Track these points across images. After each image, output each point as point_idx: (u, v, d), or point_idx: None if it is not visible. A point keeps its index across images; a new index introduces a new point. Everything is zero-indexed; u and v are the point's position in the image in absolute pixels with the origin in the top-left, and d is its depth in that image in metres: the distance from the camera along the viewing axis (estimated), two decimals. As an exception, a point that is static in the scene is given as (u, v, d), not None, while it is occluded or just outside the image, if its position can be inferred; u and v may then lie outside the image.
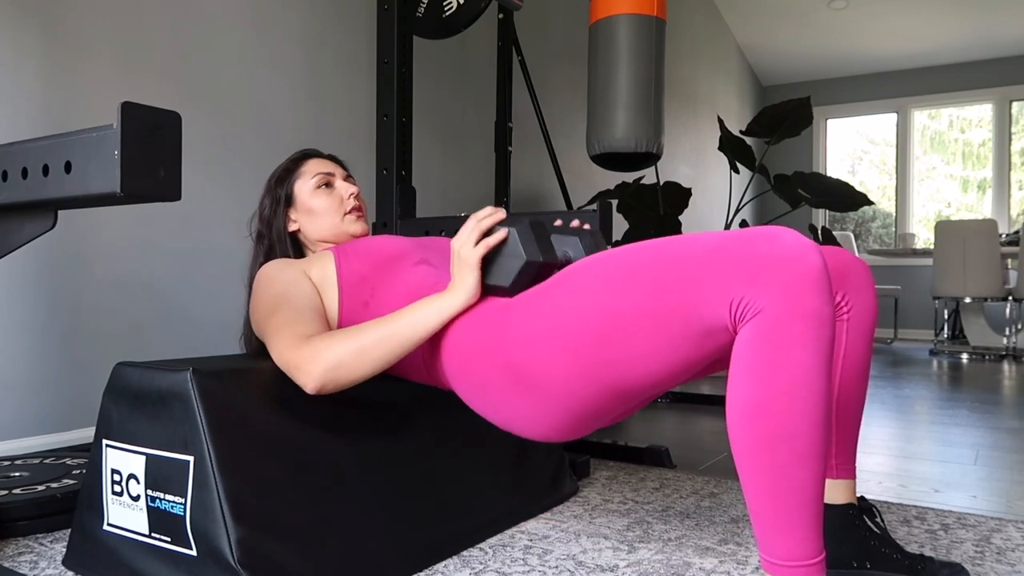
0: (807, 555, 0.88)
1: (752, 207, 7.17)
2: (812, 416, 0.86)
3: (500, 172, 2.84)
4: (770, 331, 0.84)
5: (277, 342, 1.13)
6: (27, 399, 1.84)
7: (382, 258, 1.29)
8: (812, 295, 0.84)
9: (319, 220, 1.40)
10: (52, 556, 1.26)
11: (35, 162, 0.79)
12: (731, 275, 0.86)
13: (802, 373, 0.84)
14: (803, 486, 0.87)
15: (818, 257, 0.85)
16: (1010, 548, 1.39)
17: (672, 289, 0.90)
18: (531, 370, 1.02)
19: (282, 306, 1.18)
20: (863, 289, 1.18)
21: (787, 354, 0.84)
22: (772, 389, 0.85)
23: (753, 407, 0.86)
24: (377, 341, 1.09)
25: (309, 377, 1.08)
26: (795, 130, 3.90)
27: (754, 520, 0.91)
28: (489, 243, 1.10)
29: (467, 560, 1.28)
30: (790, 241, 0.86)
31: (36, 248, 1.85)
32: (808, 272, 0.84)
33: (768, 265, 0.85)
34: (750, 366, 0.86)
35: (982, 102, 6.82)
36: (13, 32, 1.81)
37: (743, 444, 0.88)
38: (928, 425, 2.68)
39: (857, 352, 1.19)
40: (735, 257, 0.87)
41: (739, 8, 6.25)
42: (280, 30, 2.47)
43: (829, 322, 0.85)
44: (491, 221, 1.11)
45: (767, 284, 0.84)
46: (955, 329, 5.88)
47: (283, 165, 1.45)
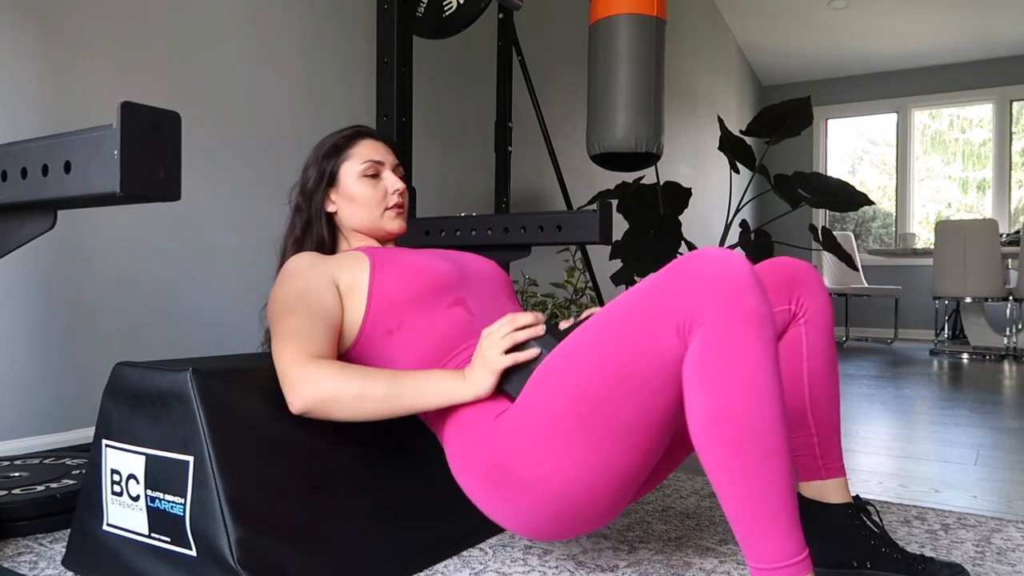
0: (792, 553, 0.90)
1: (752, 207, 7.17)
2: (770, 412, 0.89)
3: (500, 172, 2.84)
4: (715, 339, 0.89)
5: (282, 348, 1.11)
6: (27, 399, 1.84)
7: (419, 288, 1.20)
8: (747, 297, 0.89)
9: (358, 210, 1.34)
10: (52, 556, 1.26)
11: (35, 162, 0.79)
12: (669, 303, 0.92)
13: (752, 373, 0.88)
14: (775, 483, 0.89)
15: (744, 262, 0.91)
16: (1010, 548, 1.39)
17: (623, 343, 0.95)
18: (517, 472, 1.03)
19: (298, 311, 1.14)
20: (814, 291, 1.22)
21: (735, 357, 0.88)
22: (726, 395, 0.89)
23: (713, 415, 0.90)
24: (379, 396, 1.07)
25: (299, 399, 1.06)
26: (795, 130, 3.90)
27: (736, 528, 0.92)
28: (518, 359, 1.07)
29: (467, 560, 1.28)
30: (713, 255, 0.92)
31: (36, 248, 1.85)
32: (738, 277, 0.89)
33: (700, 280, 0.90)
34: (702, 376, 0.90)
35: (982, 102, 6.82)
36: (13, 32, 1.81)
37: (711, 453, 0.91)
38: (928, 425, 2.68)
39: (820, 352, 1.22)
40: (668, 287, 0.93)
41: (739, 8, 6.25)
42: (280, 30, 2.47)
43: (768, 321, 0.90)
44: (526, 336, 1.08)
45: (703, 298, 0.89)
46: (955, 329, 5.88)
47: (335, 138, 1.36)
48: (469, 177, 3.39)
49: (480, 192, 3.43)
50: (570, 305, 2.75)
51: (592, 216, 1.77)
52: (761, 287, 0.90)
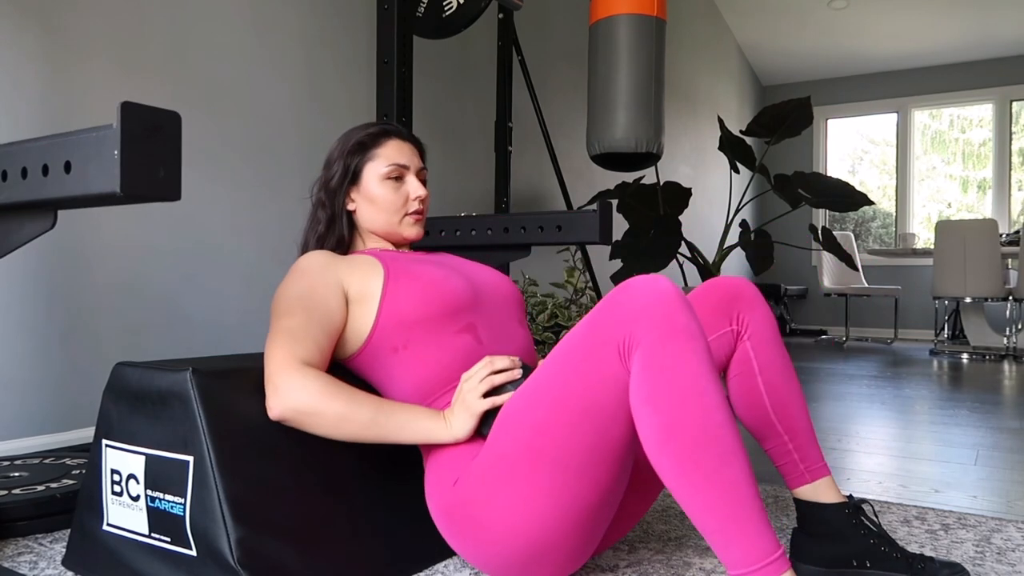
0: (766, 552, 0.91)
1: (752, 207, 7.17)
2: (716, 417, 0.92)
3: (500, 172, 2.84)
4: (652, 356, 0.94)
5: (273, 348, 1.10)
6: (27, 399, 1.84)
7: (432, 309, 1.18)
8: (676, 315, 0.95)
9: (377, 213, 1.31)
10: (52, 556, 1.26)
11: (35, 162, 0.79)
12: (607, 330, 0.97)
13: (691, 383, 0.92)
14: (735, 486, 0.91)
15: (669, 284, 0.98)
16: (1010, 548, 1.39)
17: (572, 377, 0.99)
18: (478, 514, 1.05)
19: (298, 312, 1.13)
20: (753, 305, 1.26)
21: (674, 371, 0.93)
22: (672, 406, 0.92)
23: (663, 430, 0.93)
24: (360, 423, 1.08)
25: (279, 404, 1.06)
26: (795, 130, 3.90)
27: (709, 539, 0.94)
28: (496, 402, 1.10)
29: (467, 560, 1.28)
30: (641, 281, 0.98)
31: (36, 248, 1.85)
32: (665, 298, 0.96)
33: (633, 305, 0.96)
34: (646, 395, 0.94)
35: (982, 102, 6.82)
36: (13, 32, 1.81)
37: (668, 468, 0.94)
38: (928, 425, 2.68)
39: (771, 362, 1.25)
40: (605, 316, 0.98)
41: (739, 8, 6.25)
42: (280, 30, 2.47)
43: (698, 334, 0.96)
44: (503, 379, 1.11)
45: (637, 320, 0.95)
46: (955, 329, 5.88)
47: (361, 134, 1.32)
48: (469, 177, 3.39)
49: (480, 192, 3.43)
50: (570, 305, 2.75)
51: (592, 216, 1.77)
52: (687, 305, 0.97)
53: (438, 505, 1.12)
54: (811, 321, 7.41)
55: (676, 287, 0.98)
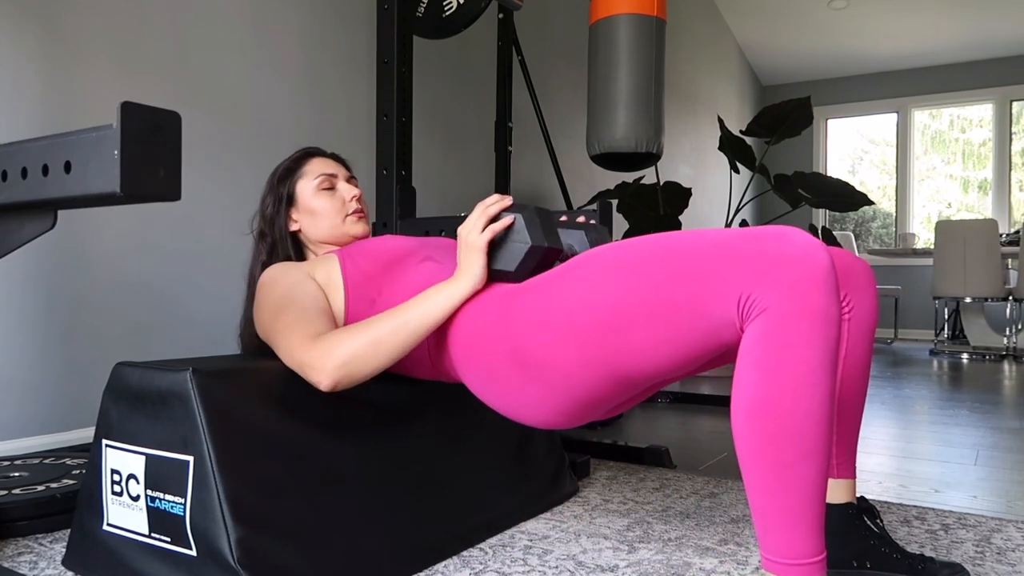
0: (808, 553, 0.88)
1: (752, 207, 7.17)
2: (816, 414, 0.86)
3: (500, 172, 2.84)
4: (776, 329, 0.85)
5: (287, 343, 1.13)
6: (27, 399, 1.84)
7: (387, 258, 1.29)
8: (819, 294, 0.85)
9: (320, 221, 1.39)
10: (52, 556, 1.26)
11: (35, 162, 0.79)
12: (739, 272, 0.87)
13: (808, 371, 0.85)
14: (806, 484, 0.87)
15: (826, 257, 0.86)
16: (1010, 548, 1.39)
17: (680, 283, 0.91)
18: (536, 357, 1.03)
19: (288, 307, 1.17)
20: (865, 290, 1.19)
21: (793, 352, 0.85)
22: (777, 387, 0.85)
23: (759, 404, 0.87)
24: (389, 332, 1.10)
25: (323, 374, 1.08)
26: (795, 130, 3.90)
27: (756, 517, 0.91)
28: (496, 228, 1.11)
29: (467, 560, 1.28)
30: (798, 240, 0.87)
31: (36, 248, 1.85)
32: (815, 271, 0.85)
33: (776, 263, 0.85)
34: (756, 363, 0.86)
35: (982, 102, 6.82)
36: (13, 32, 1.81)
37: (747, 441, 0.88)
38: (928, 425, 2.68)
39: (858, 352, 1.20)
40: (743, 254, 0.87)
41: (739, 8, 6.25)
42: (280, 30, 2.47)
43: (835, 322, 0.86)
44: (498, 207, 1.13)
45: (774, 282, 0.85)
46: (955, 329, 5.88)
47: (285, 163, 1.43)
48: (469, 177, 3.39)
49: (480, 192, 3.43)
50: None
51: (594, 213, 1.77)
52: (835, 286, 0.86)
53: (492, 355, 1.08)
54: (811, 321, 7.39)
55: (830, 260, 0.87)
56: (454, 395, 1.44)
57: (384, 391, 1.32)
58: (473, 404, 1.48)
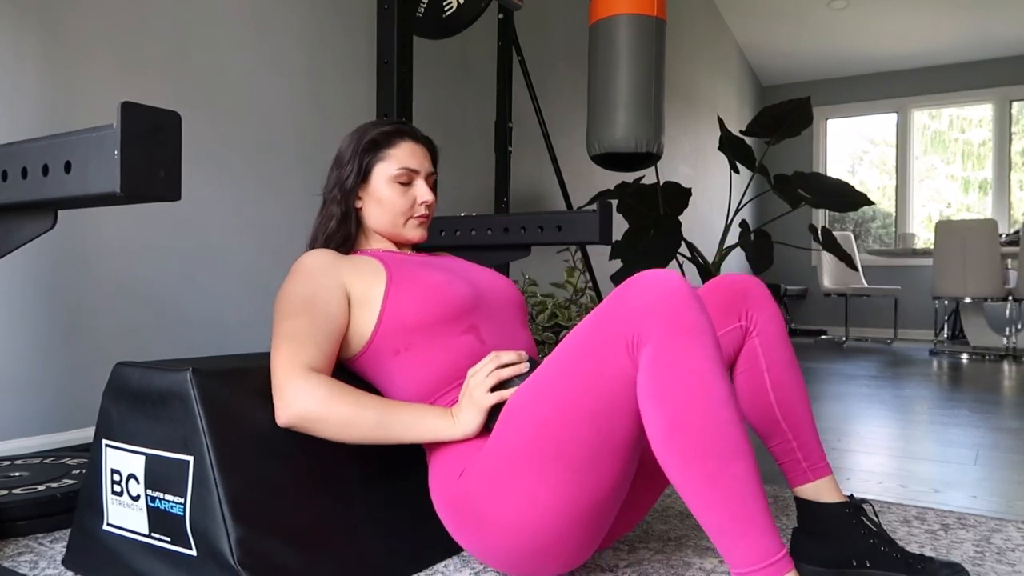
0: (770, 551, 0.91)
1: (752, 207, 7.17)
2: (721, 416, 0.92)
3: (500, 172, 2.84)
4: (661, 352, 0.93)
5: (279, 352, 1.11)
6: (27, 399, 1.84)
7: (432, 316, 1.18)
8: (685, 311, 0.94)
9: (383, 213, 1.30)
10: (52, 556, 1.26)
11: (35, 162, 0.79)
12: (616, 326, 0.96)
13: (700, 379, 0.92)
14: (742, 484, 0.91)
15: (679, 280, 0.96)
16: (1010, 548, 1.39)
17: (579, 372, 0.99)
18: (482, 508, 1.06)
19: (301, 315, 1.14)
20: (761, 303, 1.25)
21: (682, 367, 0.92)
22: (680, 402, 0.92)
23: (669, 425, 0.92)
24: (369, 425, 1.09)
25: (285, 412, 1.08)
26: (795, 130, 3.90)
27: (712, 536, 0.94)
28: (503, 396, 1.10)
29: (467, 560, 1.28)
30: (651, 276, 0.97)
31: (36, 248, 1.85)
32: (675, 294, 0.94)
33: (642, 300, 0.95)
34: (654, 390, 0.93)
35: (982, 102, 6.82)
36: (13, 32, 1.81)
37: (674, 464, 0.93)
38: (928, 425, 2.68)
39: (778, 360, 1.24)
40: (614, 311, 0.97)
41: (739, 8, 6.25)
42: (280, 30, 2.47)
43: (707, 331, 0.94)
44: (510, 373, 1.12)
45: (646, 316, 0.94)
46: (955, 329, 5.88)
47: (375, 132, 1.32)
48: (469, 177, 3.39)
49: (480, 192, 3.44)
50: (570, 305, 2.75)
51: (592, 216, 1.77)
52: (697, 300, 0.96)
53: (443, 498, 1.13)
54: (811, 321, 7.41)
55: (686, 282, 0.97)
56: (454, 395, 1.44)
57: (384, 391, 1.32)
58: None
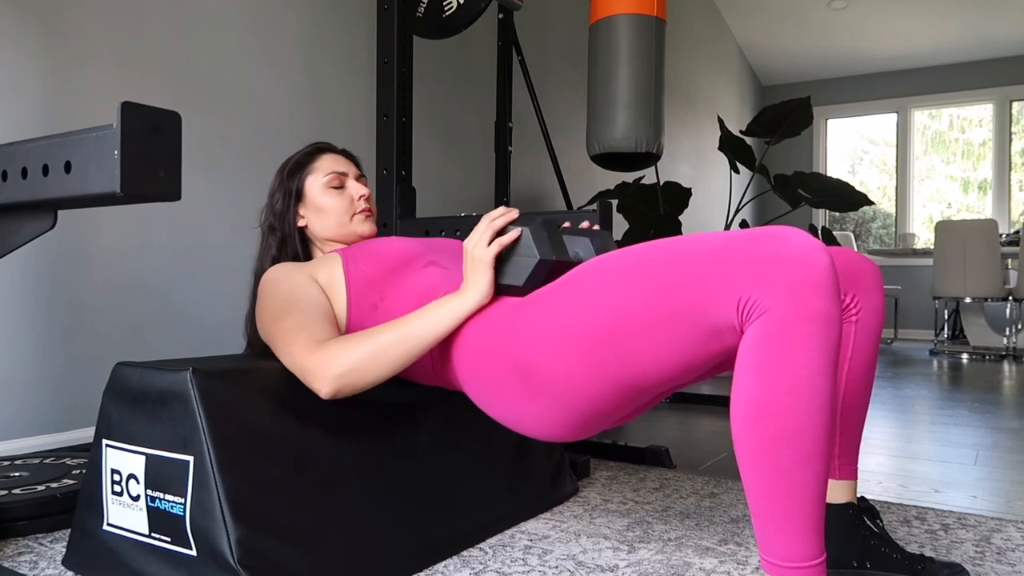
0: (808, 556, 0.88)
1: (752, 207, 7.17)
2: (816, 418, 0.85)
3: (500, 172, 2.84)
4: (775, 331, 0.84)
5: (289, 348, 1.12)
6: (27, 399, 1.84)
7: (390, 261, 1.27)
8: (818, 297, 0.83)
9: (327, 219, 1.38)
10: (52, 556, 1.26)
11: (35, 162, 0.79)
12: (738, 275, 0.86)
13: (807, 374, 0.84)
14: (805, 487, 0.86)
15: (826, 258, 0.85)
16: (1010, 548, 1.39)
17: (680, 289, 0.90)
18: (540, 369, 1.02)
19: (291, 311, 1.16)
20: (872, 290, 1.18)
21: (792, 355, 0.84)
22: (776, 389, 0.85)
23: (757, 407, 0.86)
24: (392, 344, 1.09)
25: (324, 382, 1.08)
26: (795, 130, 3.90)
27: (755, 520, 0.90)
28: (503, 242, 1.09)
29: (467, 560, 1.28)
30: (797, 241, 0.85)
31: (36, 248, 1.85)
32: (815, 273, 0.83)
33: (775, 266, 0.84)
34: (755, 366, 0.86)
35: (982, 102, 6.82)
36: (13, 32, 1.81)
37: (746, 444, 0.88)
38: (928, 425, 2.68)
39: (864, 353, 1.19)
40: (742, 257, 0.86)
41: (739, 8, 6.25)
42: (280, 30, 2.47)
43: (835, 324, 0.85)
44: (504, 221, 1.11)
45: (773, 284, 0.84)
46: (955, 329, 5.88)
47: (296, 156, 1.41)
48: (469, 177, 3.39)
49: (480, 192, 3.43)
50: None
51: (592, 216, 1.77)
52: (835, 288, 0.85)
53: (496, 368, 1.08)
54: (811, 321, 7.39)
55: (831, 261, 0.85)
56: (454, 395, 1.44)
57: (385, 391, 1.32)
58: (473, 404, 1.48)
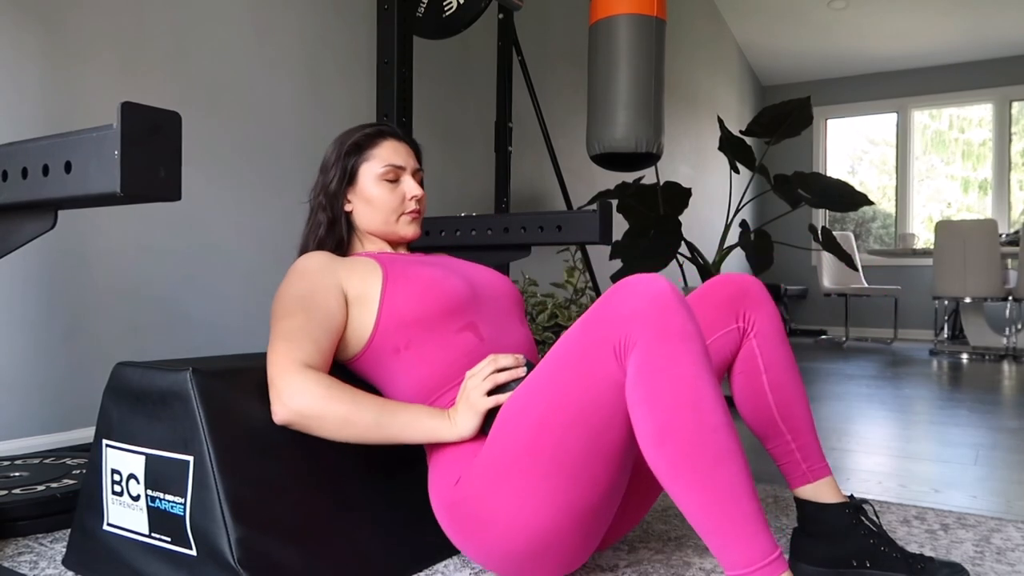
0: (763, 553, 0.90)
1: (752, 207, 7.17)
2: (712, 418, 0.92)
3: (500, 172, 2.84)
4: (648, 357, 0.93)
5: (276, 350, 1.11)
6: (27, 399, 1.84)
7: (429, 310, 1.19)
8: (672, 315, 0.94)
9: (374, 213, 1.31)
10: (52, 556, 1.26)
11: (35, 162, 0.79)
12: (603, 330, 0.96)
13: (688, 383, 0.92)
14: (732, 486, 0.91)
15: (665, 283, 0.96)
16: (1010, 548, 1.39)
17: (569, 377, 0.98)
18: (478, 510, 1.06)
19: (298, 313, 1.14)
20: (759, 304, 1.25)
21: (670, 371, 0.92)
22: (668, 407, 0.92)
23: (658, 430, 0.92)
24: (364, 424, 1.08)
25: (282, 409, 1.07)
26: (795, 130, 3.90)
27: (706, 540, 0.93)
28: (500, 400, 1.10)
29: (467, 560, 1.28)
30: (636, 281, 0.97)
31: (36, 248, 1.85)
32: (661, 298, 0.95)
33: (629, 305, 0.95)
34: (642, 395, 0.93)
35: (982, 102, 6.82)
36: (13, 32, 1.81)
37: (664, 469, 0.93)
38: (928, 425, 2.68)
39: (776, 361, 1.24)
40: (601, 315, 0.97)
41: (739, 8, 6.25)
42: (280, 30, 2.47)
43: (695, 336, 0.94)
44: (507, 377, 1.12)
45: (631, 320, 0.94)
46: (955, 329, 5.88)
47: (357, 135, 1.33)
48: (469, 177, 3.39)
49: (480, 192, 3.44)
50: (570, 305, 2.75)
51: (592, 216, 1.77)
52: (684, 305, 0.96)
53: (440, 502, 1.13)
54: (811, 321, 7.41)
55: (673, 287, 0.97)
56: (454, 395, 1.44)
57: (384, 391, 1.32)
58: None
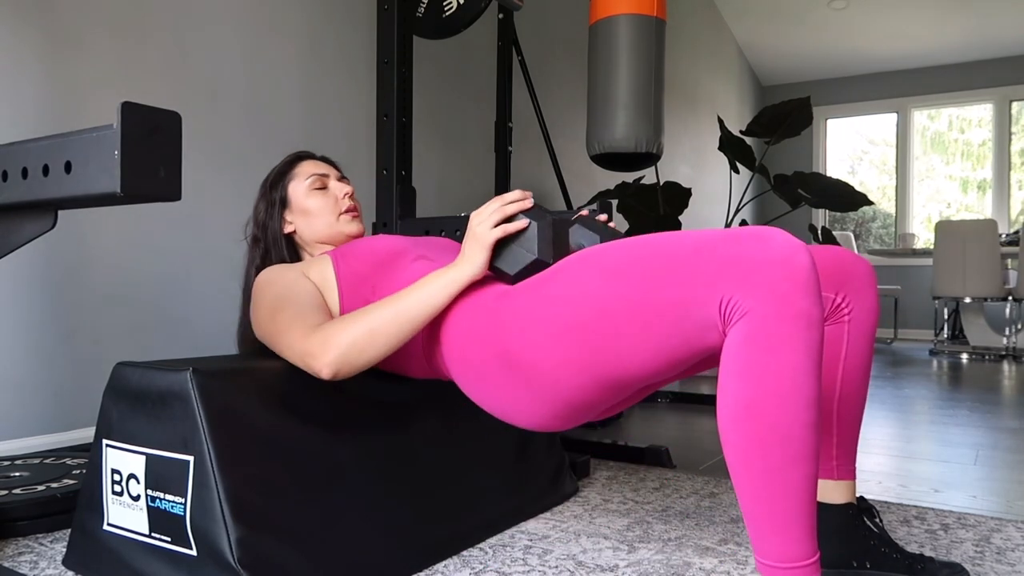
0: (801, 556, 0.88)
1: (752, 207, 7.17)
2: (802, 417, 0.85)
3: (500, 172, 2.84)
4: (758, 332, 0.84)
5: (287, 338, 1.13)
6: (27, 399, 1.84)
7: (379, 257, 1.29)
8: (800, 297, 0.83)
9: (314, 221, 1.40)
10: (52, 556, 1.26)
11: (35, 162, 0.79)
12: (720, 275, 0.86)
13: (791, 375, 0.84)
14: (795, 487, 0.87)
15: (806, 258, 0.85)
16: (1010, 548, 1.39)
17: (662, 285, 0.90)
18: (525, 359, 1.02)
19: (286, 306, 1.18)
20: (865, 290, 1.17)
21: (775, 356, 0.84)
22: (761, 391, 0.85)
23: (743, 409, 0.86)
24: (388, 320, 1.10)
25: (323, 362, 1.08)
26: (795, 130, 3.90)
27: (747, 521, 0.91)
28: (508, 229, 1.09)
29: (467, 560, 1.28)
30: (778, 242, 0.85)
31: (36, 248, 1.85)
32: (795, 273, 0.83)
33: (756, 266, 0.84)
34: (739, 368, 0.86)
35: (982, 102, 6.82)
36: (13, 31, 1.81)
37: (734, 445, 0.88)
38: (928, 425, 2.68)
39: (858, 354, 1.18)
40: (724, 257, 0.86)
41: (739, 8, 6.25)
42: (280, 30, 2.47)
43: (817, 324, 0.85)
44: (516, 208, 1.11)
45: (755, 285, 0.84)
46: (955, 329, 5.88)
47: (276, 168, 1.45)
48: (469, 177, 3.39)
49: (480, 192, 3.43)
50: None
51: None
52: (817, 288, 0.85)
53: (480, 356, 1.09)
54: (811, 321, 7.40)
55: (812, 262, 0.85)
56: (454, 395, 1.44)
57: (384, 390, 1.32)
58: (473, 404, 1.48)
